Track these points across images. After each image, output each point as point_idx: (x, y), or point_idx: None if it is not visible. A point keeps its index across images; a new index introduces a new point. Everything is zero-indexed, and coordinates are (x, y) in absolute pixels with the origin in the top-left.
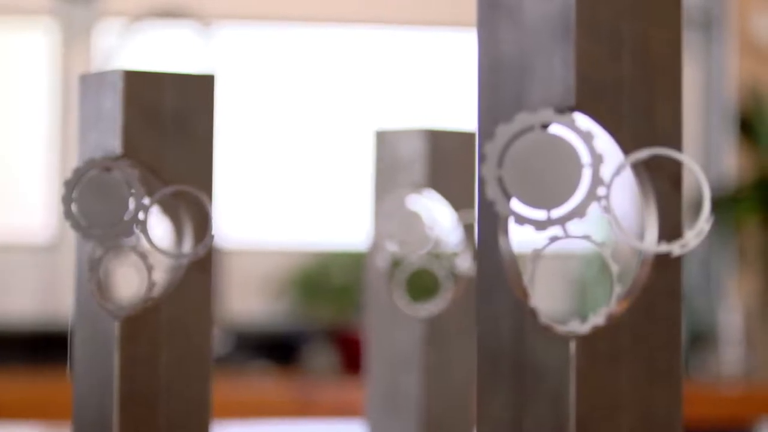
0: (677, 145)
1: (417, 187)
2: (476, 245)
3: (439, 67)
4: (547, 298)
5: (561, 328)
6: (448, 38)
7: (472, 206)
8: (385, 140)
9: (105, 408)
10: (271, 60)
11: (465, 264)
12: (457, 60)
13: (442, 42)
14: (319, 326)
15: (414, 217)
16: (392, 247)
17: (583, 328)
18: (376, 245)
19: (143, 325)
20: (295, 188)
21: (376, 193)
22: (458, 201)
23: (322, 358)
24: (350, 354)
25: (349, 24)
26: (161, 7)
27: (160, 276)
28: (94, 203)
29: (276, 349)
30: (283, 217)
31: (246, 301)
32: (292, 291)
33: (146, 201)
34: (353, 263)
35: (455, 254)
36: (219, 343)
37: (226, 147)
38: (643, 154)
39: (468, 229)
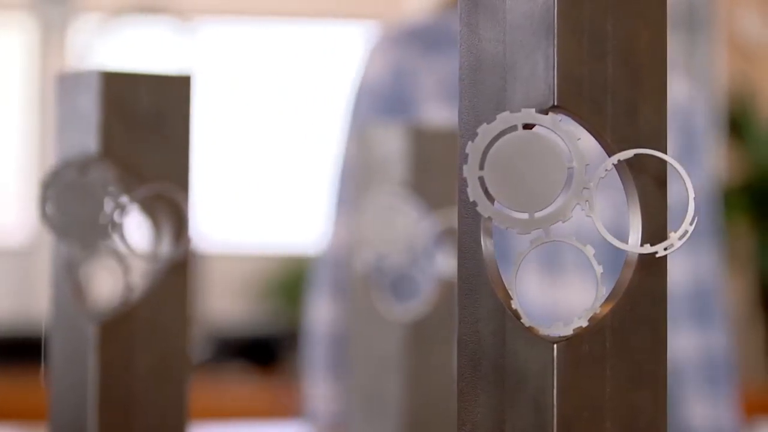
0: (662, 146)
1: (398, 188)
2: (457, 247)
3: None
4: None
5: (543, 331)
6: None
7: (455, 206)
8: (366, 139)
9: (81, 412)
10: (252, 57)
11: (447, 266)
12: None
13: None
14: (300, 329)
15: (395, 219)
16: (373, 248)
17: (566, 330)
18: (357, 247)
19: (120, 328)
20: (275, 189)
21: (358, 193)
22: (440, 201)
23: (301, 361)
24: None
25: (331, 20)
26: (139, 2)
27: (137, 279)
28: (70, 204)
29: (256, 352)
30: (264, 220)
31: (226, 304)
32: (272, 294)
33: (123, 202)
34: None
35: (438, 256)
36: (198, 346)
37: (205, 148)
38: (627, 154)
39: (450, 230)
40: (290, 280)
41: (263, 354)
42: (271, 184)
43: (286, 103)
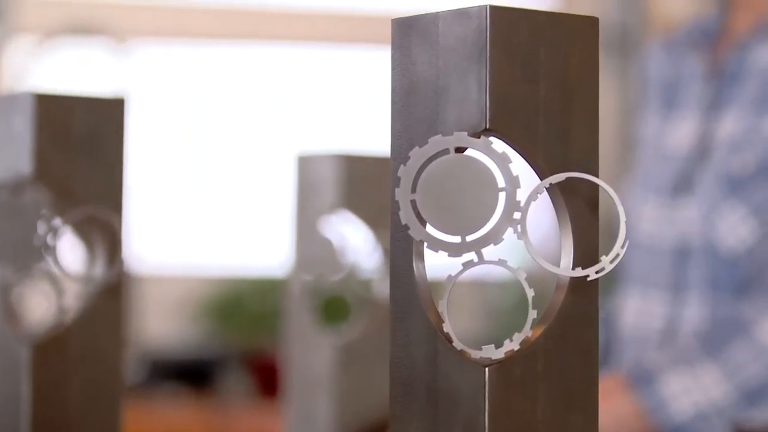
0: (593, 169)
1: (333, 212)
2: (390, 270)
3: (360, 84)
4: (462, 324)
5: (475, 354)
6: (366, 56)
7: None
8: (302, 164)
9: None
10: (187, 78)
11: (382, 288)
12: (376, 78)
13: (360, 60)
14: (235, 351)
15: (330, 242)
16: (309, 271)
17: (498, 353)
18: (294, 270)
19: (54, 350)
20: (210, 211)
21: (294, 217)
22: (376, 225)
23: (237, 383)
24: (266, 379)
25: (268, 41)
26: (75, 23)
27: (71, 301)
28: (3, 227)
29: (191, 374)
30: (199, 242)
31: (160, 326)
32: (207, 316)
33: (57, 224)
34: (269, 289)
35: (372, 279)
36: (133, 368)
37: (140, 169)
38: (559, 177)
39: (386, 253)
40: (225, 302)
41: (197, 376)
42: (205, 206)
43: (221, 125)
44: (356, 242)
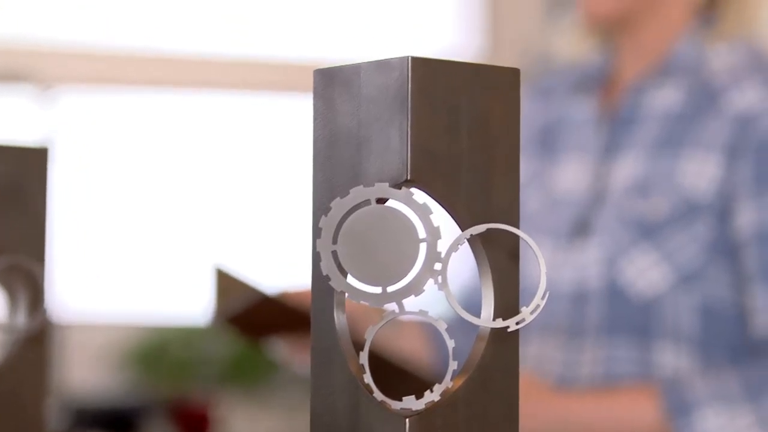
0: (514, 220)
1: None
2: (311, 320)
3: (283, 133)
4: None
5: (396, 405)
6: (288, 105)
7: None
8: None
9: None
10: (113, 125)
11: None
12: (299, 127)
13: (283, 108)
14: (159, 399)
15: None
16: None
17: (418, 404)
18: None
19: None
20: (135, 259)
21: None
22: None
23: (161, 431)
24: (190, 427)
25: (194, 88)
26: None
27: None
28: None
29: (115, 422)
30: (122, 290)
31: (85, 375)
32: (131, 364)
33: None
34: (193, 337)
35: None
36: (56, 416)
37: (63, 217)
38: (480, 228)
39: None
40: (149, 350)
41: (122, 425)
42: (130, 254)
43: (145, 172)
44: None
